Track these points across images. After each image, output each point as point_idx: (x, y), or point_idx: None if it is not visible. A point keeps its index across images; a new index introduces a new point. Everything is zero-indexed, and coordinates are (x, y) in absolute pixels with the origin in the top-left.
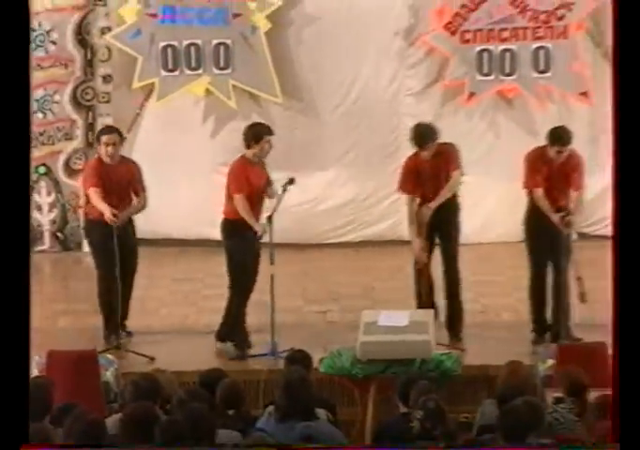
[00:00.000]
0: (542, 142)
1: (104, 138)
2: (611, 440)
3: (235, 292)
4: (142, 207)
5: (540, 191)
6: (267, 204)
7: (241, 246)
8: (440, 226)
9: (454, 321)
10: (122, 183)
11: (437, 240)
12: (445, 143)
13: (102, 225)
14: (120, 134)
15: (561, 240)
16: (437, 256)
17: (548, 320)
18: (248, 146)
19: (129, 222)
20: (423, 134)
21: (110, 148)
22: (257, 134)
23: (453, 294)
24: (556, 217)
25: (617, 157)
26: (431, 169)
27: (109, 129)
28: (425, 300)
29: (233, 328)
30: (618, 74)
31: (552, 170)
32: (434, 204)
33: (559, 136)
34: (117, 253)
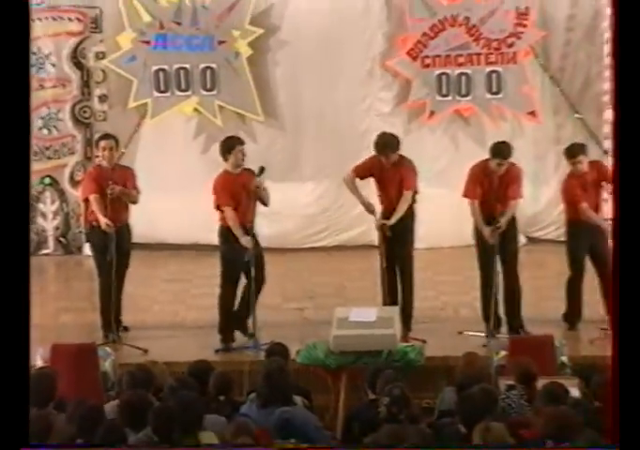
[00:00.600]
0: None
1: (102, 143)
2: (611, 440)
3: (224, 291)
4: (132, 203)
5: (475, 203)
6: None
7: (233, 250)
8: (396, 232)
9: (406, 316)
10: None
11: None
12: (405, 158)
13: (102, 230)
14: (116, 140)
15: (508, 243)
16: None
17: (499, 315)
18: (225, 159)
19: (126, 228)
20: (386, 143)
21: (107, 152)
22: (229, 146)
23: (406, 293)
24: (486, 230)
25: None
26: (391, 176)
27: (106, 135)
28: (390, 298)
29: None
30: (618, 76)
31: (492, 181)
32: (392, 221)
33: (500, 150)
34: (115, 256)
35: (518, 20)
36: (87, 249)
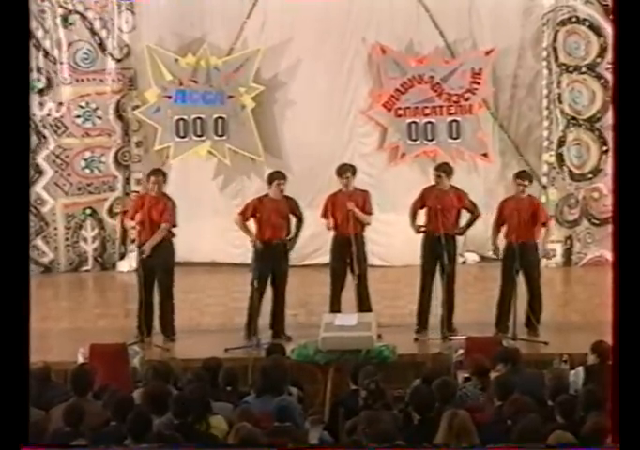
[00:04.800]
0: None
1: (152, 177)
2: (611, 440)
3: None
4: (163, 233)
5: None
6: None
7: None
8: (358, 254)
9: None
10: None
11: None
12: (361, 189)
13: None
14: (164, 174)
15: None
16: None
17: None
18: (269, 188)
19: (168, 247)
20: (343, 168)
21: (156, 184)
22: (270, 178)
23: (365, 303)
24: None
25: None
26: (348, 202)
27: (156, 170)
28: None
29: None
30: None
31: (438, 200)
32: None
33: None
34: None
35: (473, 78)
36: (120, 266)
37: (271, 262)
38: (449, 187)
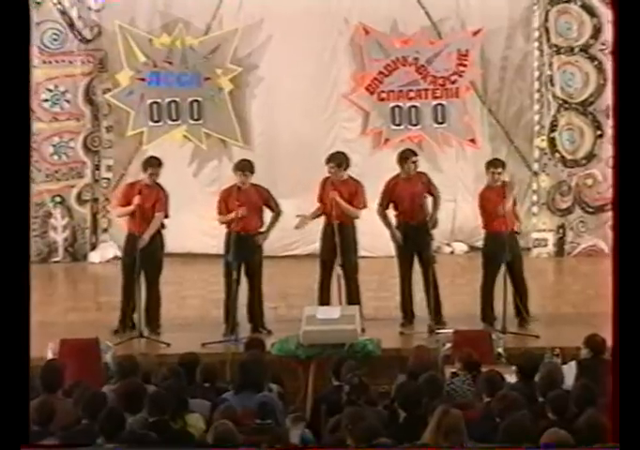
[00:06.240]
0: (446, 176)
1: (148, 167)
2: (611, 440)
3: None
4: (158, 222)
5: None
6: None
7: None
8: (342, 244)
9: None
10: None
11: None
12: (354, 179)
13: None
14: (160, 163)
15: (425, 251)
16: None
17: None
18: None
19: (158, 238)
20: (335, 157)
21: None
22: (237, 167)
23: (352, 297)
24: (390, 232)
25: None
26: (340, 194)
27: (152, 159)
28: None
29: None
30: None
31: (407, 188)
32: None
33: (408, 152)
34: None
35: (459, 60)
36: (91, 257)
37: (243, 253)
38: (415, 173)
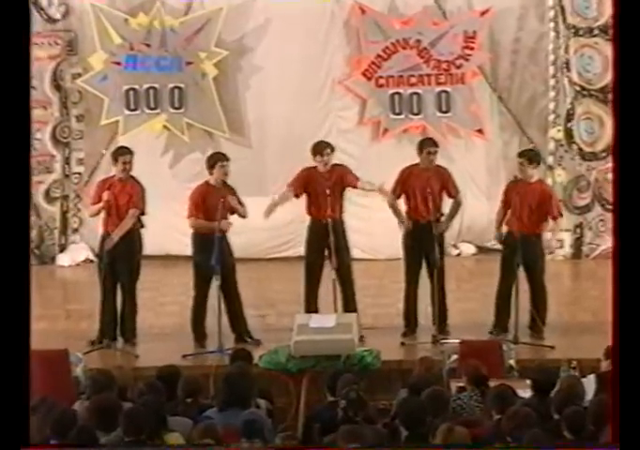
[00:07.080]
0: (452, 170)
1: (120, 157)
2: (611, 440)
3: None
4: (132, 220)
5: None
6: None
7: (202, 257)
8: (336, 244)
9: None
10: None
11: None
12: (339, 164)
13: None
14: (131, 154)
15: (432, 253)
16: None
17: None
18: (210, 173)
19: (134, 238)
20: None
21: (124, 166)
22: (212, 161)
23: (349, 304)
24: (398, 220)
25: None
26: (325, 181)
27: (122, 149)
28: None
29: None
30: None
31: (422, 181)
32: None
33: (427, 142)
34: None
35: (466, 43)
36: (60, 260)
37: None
38: (434, 166)
